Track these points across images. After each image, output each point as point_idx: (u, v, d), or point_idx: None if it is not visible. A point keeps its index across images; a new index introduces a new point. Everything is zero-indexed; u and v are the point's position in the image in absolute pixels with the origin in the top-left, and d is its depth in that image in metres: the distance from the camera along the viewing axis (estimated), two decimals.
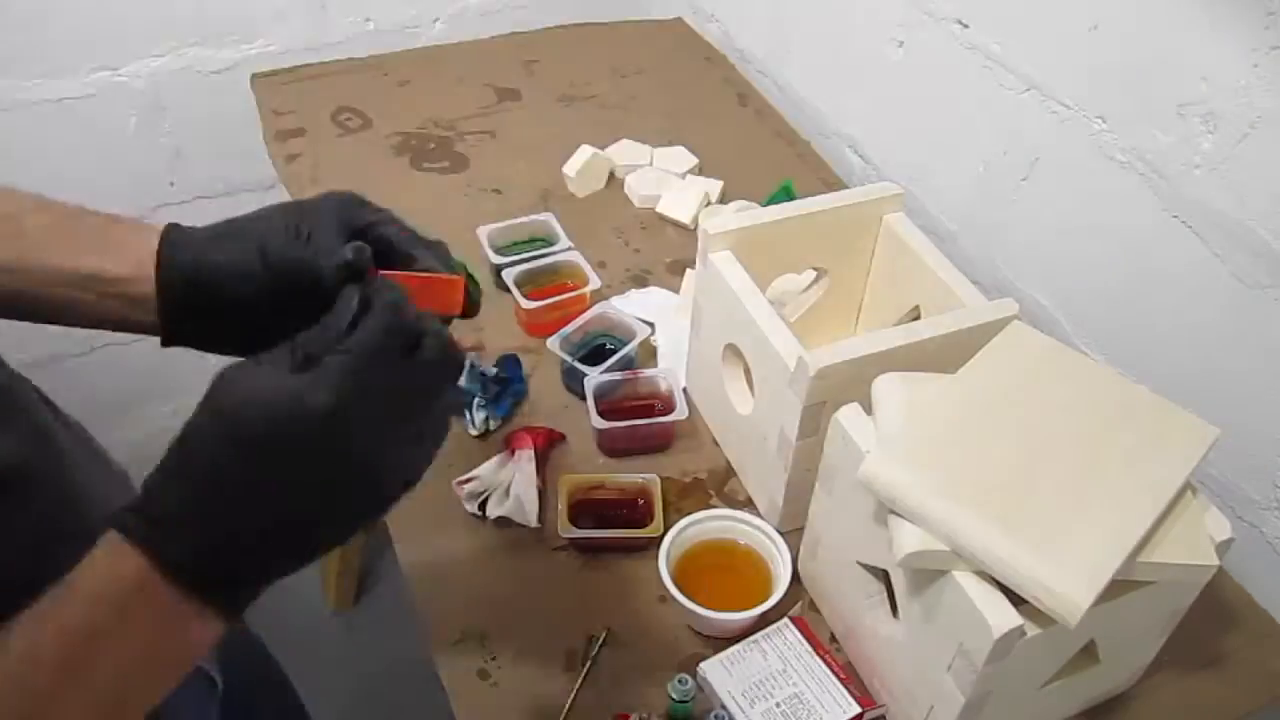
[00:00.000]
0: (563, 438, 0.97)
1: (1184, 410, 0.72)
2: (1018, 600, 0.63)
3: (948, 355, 0.77)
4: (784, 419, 0.82)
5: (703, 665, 0.78)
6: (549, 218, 1.15)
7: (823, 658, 0.78)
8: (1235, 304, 0.92)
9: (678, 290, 1.12)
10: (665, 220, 1.24)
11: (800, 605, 0.86)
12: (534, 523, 0.89)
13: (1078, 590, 0.60)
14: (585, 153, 1.25)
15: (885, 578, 0.75)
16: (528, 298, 1.04)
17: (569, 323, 1.01)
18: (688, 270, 1.11)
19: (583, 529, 0.87)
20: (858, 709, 0.75)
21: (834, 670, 0.77)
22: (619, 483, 0.91)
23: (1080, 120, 1.04)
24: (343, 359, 0.47)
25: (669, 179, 1.27)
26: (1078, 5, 1.00)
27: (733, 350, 0.90)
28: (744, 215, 0.92)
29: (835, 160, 1.40)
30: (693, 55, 1.57)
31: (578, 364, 0.98)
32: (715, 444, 0.99)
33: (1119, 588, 0.65)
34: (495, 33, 1.56)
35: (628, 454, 0.97)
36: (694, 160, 1.31)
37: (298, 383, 0.46)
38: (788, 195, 1.21)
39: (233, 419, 0.46)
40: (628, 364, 1.01)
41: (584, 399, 0.96)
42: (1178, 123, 0.94)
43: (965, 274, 0.89)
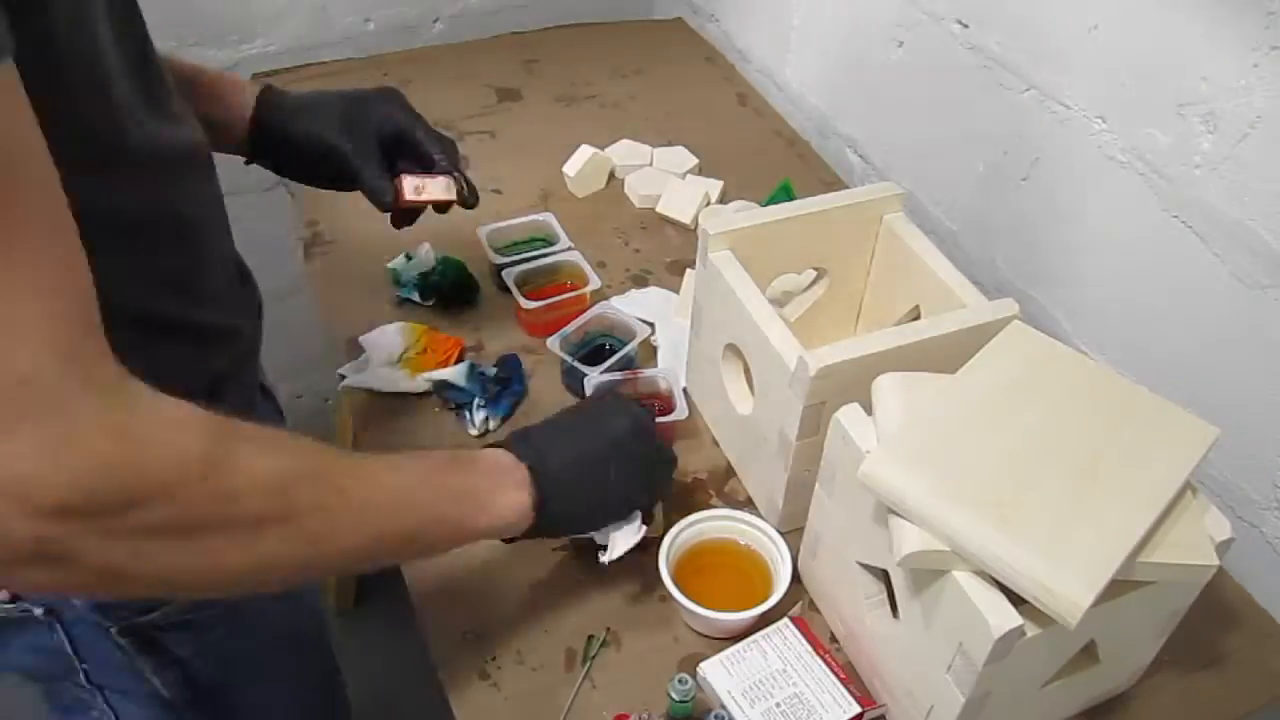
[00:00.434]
0: None
1: (1184, 410, 0.72)
2: (1018, 600, 0.63)
3: (948, 355, 0.77)
4: (784, 419, 0.82)
5: (703, 665, 0.78)
6: (549, 218, 1.15)
7: (823, 658, 0.78)
8: (1235, 304, 0.92)
9: (678, 290, 1.12)
10: (665, 220, 1.24)
11: (800, 605, 0.86)
12: None
13: (1078, 590, 0.60)
14: (585, 153, 1.25)
15: (885, 578, 0.75)
16: (528, 298, 1.04)
17: (569, 323, 1.01)
18: (687, 270, 1.11)
19: None
20: (858, 709, 0.75)
21: (834, 670, 0.77)
22: None
23: (1080, 120, 1.04)
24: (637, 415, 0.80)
25: (669, 179, 1.27)
26: (1078, 5, 1.00)
27: (733, 350, 0.90)
28: (744, 215, 0.92)
29: (835, 160, 1.40)
30: (693, 55, 1.57)
31: (578, 364, 0.98)
32: (715, 444, 0.99)
33: (1119, 588, 0.65)
34: (495, 33, 1.56)
35: None
36: (694, 160, 1.31)
37: (619, 409, 0.80)
38: (788, 195, 1.21)
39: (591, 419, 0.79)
40: (628, 364, 1.01)
41: (584, 399, 0.96)
42: (1178, 123, 0.94)
43: (965, 274, 0.89)
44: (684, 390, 0.99)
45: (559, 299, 1.05)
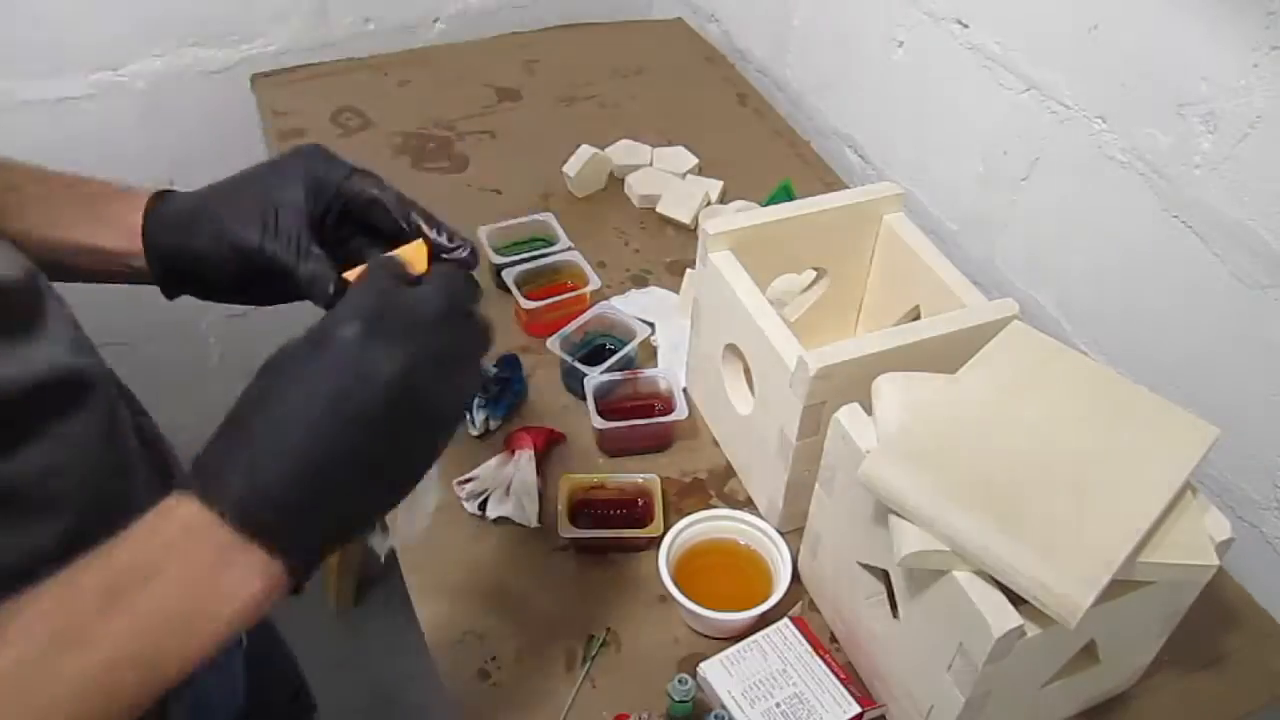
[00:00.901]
0: (563, 438, 0.97)
1: (1184, 410, 0.71)
2: (1018, 600, 0.63)
3: (948, 355, 0.77)
4: (784, 419, 0.82)
5: (703, 665, 0.78)
6: (549, 218, 1.15)
7: (823, 658, 0.78)
8: (1235, 304, 0.92)
9: (678, 290, 1.12)
10: (665, 220, 1.24)
11: (800, 605, 0.86)
12: (534, 523, 0.89)
13: (1078, 590, 0.60)
14: (585, 153, 1.25)
15: (885, 578, 0.75)
16: (528, 298, 1.04)
17: (569, 323, 1.01)
18: (687, 270, 1.11)
19: (583, 529, 0.87)
20: (858, 709, 0.75)
21: (834, 670, 0.77)
22: (619, 483, 0.91)
23: (1080, 120, 1.04)
24: (357, 300, 0.51)
25: (669, 179, 1.27)
26: (1078, 5, 1.00)
27: (733, 350, 0.90)
28: (744, 215, 0.92)
29: (835, 160, 1.40)
30: (693, 55, 1.57)
31: (578, 364, 0.98)
32: (715, 444, 0.99)
33: (1119, 588, 0.65)
34: (495, 33, 1.56)
35: (628, 454, 0.97)
36: (694, 160, 1.31)
37: (328, 321, 0.50)
38: (788, 195, 1.21)
39: (277, 364, 0.49)
40: (628, 364, 1.01)
41: (584, 399, 0.96)
42: (1178, 123, 0.94)
43: (965, 274, 0.89)
44: (684, 390, 0.99)
45: (559, 299, 1.05)
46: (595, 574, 0.88)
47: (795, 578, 0.85)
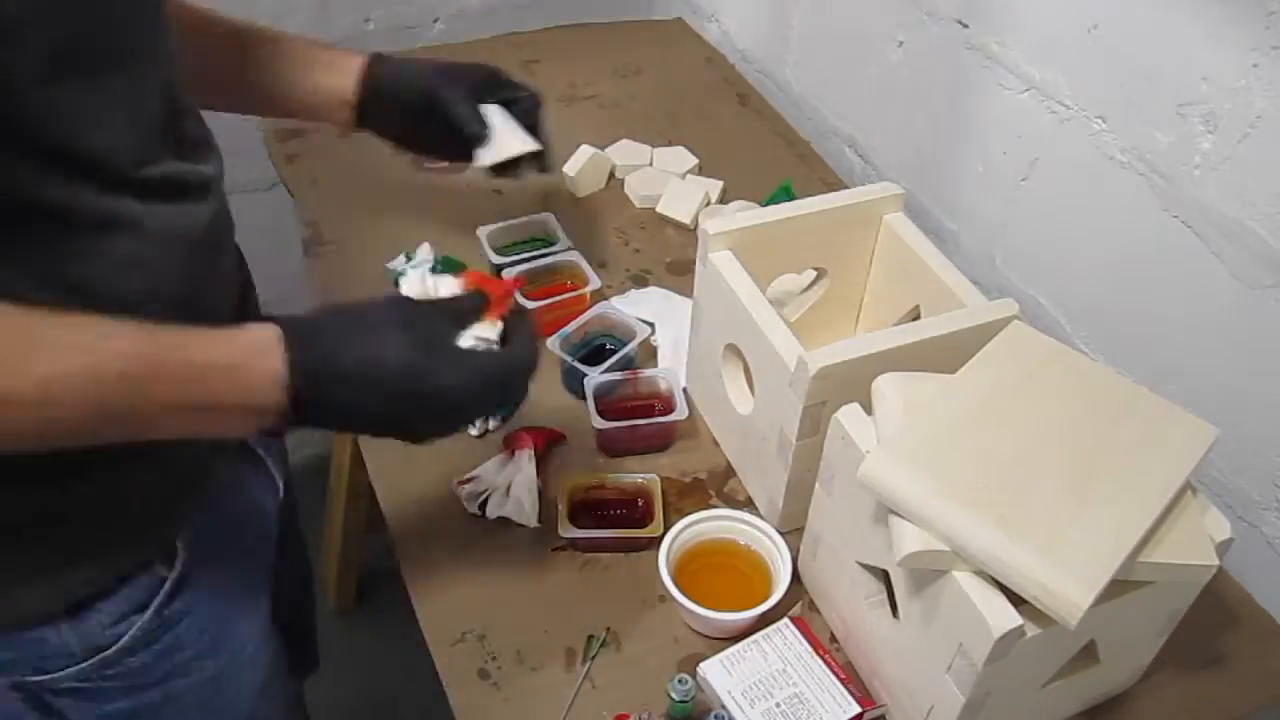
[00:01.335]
0: (563, 438, 0.97)
1: (1184, 410, 0.72)
2: (1018, 600, 0.63)
3: (948, 355, 0.77)
4: (784, 419, 0.82)
5: (703, 665, 0.78)
6: (549, 218, 1.15)
7: (823, 658, 0.78)
8: (1235, 304, 0.92)
9: (678, 290, 1.12)
10: (665, 220, 1.24)
11: (800, 605, 0.86)
12: (534, 523, 0.89)
13: (1078, 590, 0.60)
14: (585, 153, 1.25)
15: (885, 578, 0.75)
16: (528, 298, 1.04)
17: (569, 323, 1.01)
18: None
19: (583, 529, 0.87)
20: (858, 709, 0.75)
21: (834, 670, 0.77)
22: (619, 483, 0.91)
23: (1080, 120, 1.04)
24: (488, 363, 0.67)
25: (669, 179, 1.27)
26: (1078, 5, 1.00)
27: (733, 350, 0.90)
28: (744, 215, 0.92)
29: (835, 160, 1.40)
30: (693, 55, 1.57)
31: (578, 364, 0.98)
32: (715, 444, 0.99)
33: (1119, 588, 0.65)
34: (495, 33, 1.56)
35: (628, 454, 0.97)
36: (694, 160, 1.31)
37: (454, 368, 0.64)
38: (788, 195, 1.21)
39: (401, 346, 0.63)
40: (628, 364, 1.01)
41: (584, 399, 0.96)
42: (1178, 123, 0.94)
43: (965, 274, 0.89)
44: (684, 390, 0.99)
45: (559, 299, 1.05)
46: (595, 574, 0.88)
47: (795, 578, 0.85)
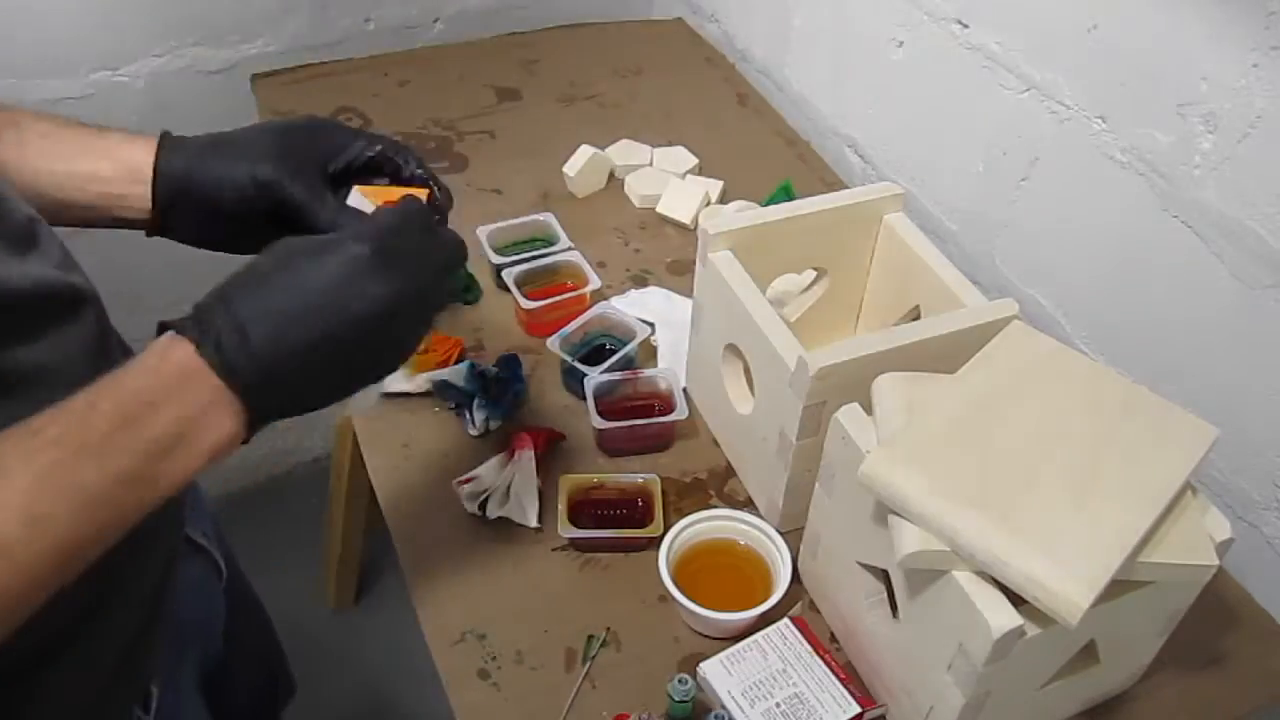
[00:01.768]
0: (563, 438, 0.97)
1: (1184, 410, 0.72)
2: (1018, 600, 0.63)
3: (948, 355, 0.77)
4: (784, 419, 0.82)
5: (703, 665, 0.78)
6: (549, 218, 1.15)
7: (823, 658, 0.78)
8: (1235, 304, 0.92)
9: (678, 290, 1.12)
10: (665, 220, 1.24)
11: (800, 605, 0.86)
12: (534, 523, 0.89)
13: (1078, 590, 0.60)
14: (585, 153, 1.25)
15: (885, 578, 0.75)
16: (528, 298, 1.04)
17: (569, 323, 1.01)
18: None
19: (583, 529, 0.87)
20: (858, 709, 0.75)
21: (834, 670, 0.77)
22: (619, 483, 0.91)
23: (1080, 120, 1.04)
24: (374, 225, 0.59)
25: (669, 179, 1.27)
26: (1078, 5, 1.00)
27: (733, 350, 0.90)
28: (744, 215, 0.92)
29: (835, 160, 1.40)
30: (693, 55, 1.57)
31: (578, 364, 0.98)
32: (715, 444, 0.99)
33: (1119, 588, 0.65)
34: (495, 33, 1.56)
35: (628, 454, 0.97)
36: (694, 160, 1.31)
37: (345, 235, 0.58)
38: (788, 195, 1.21)
39: (279, 261, 0.56)
40: (628, 364, 1.01)
41: (584, 399, 0.96)
42: (1178, 123, 0.94)
43: (965, 274, 0.89)
44: (684, 390, 0.99)
45: (559, 299, 1.05)
46: (595, 574, 0.88)
47: (795, 578, 0.85)
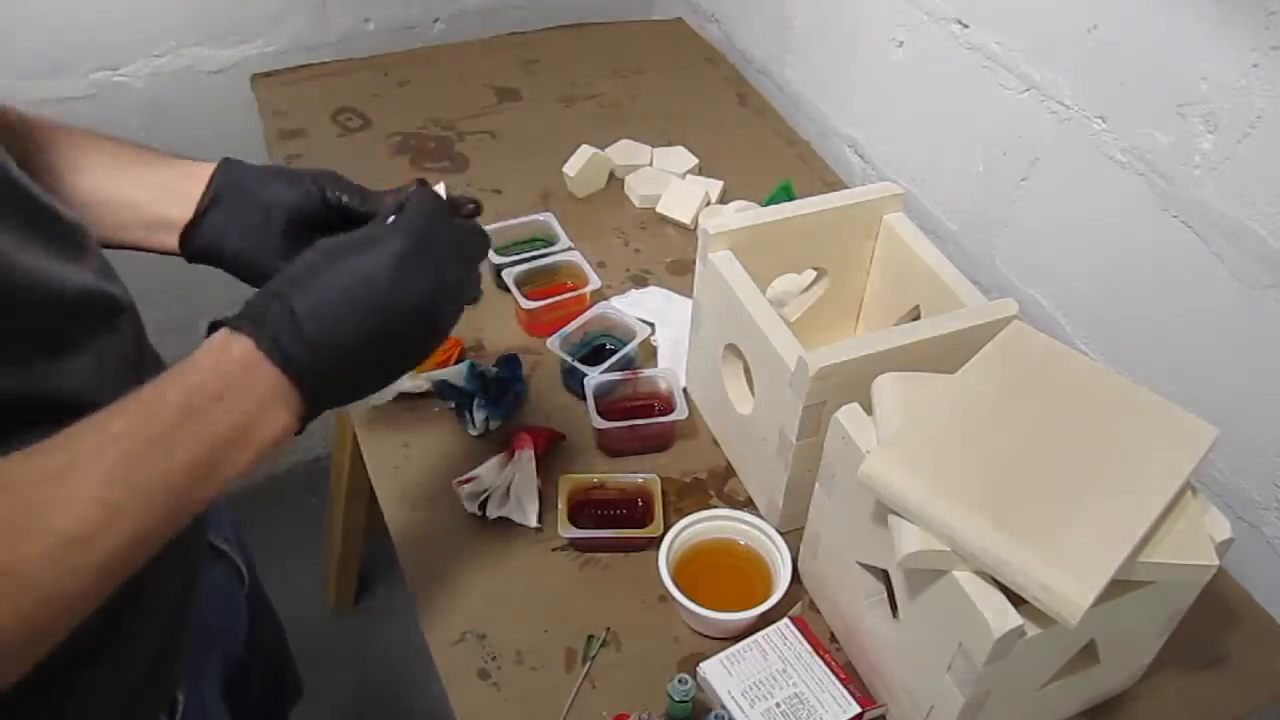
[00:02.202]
0: (563, 438, 0.97)
1: (1184, 410, 0.72)
2: (1018, 600, 0.63)
3: (948, 355, 0.77)
4: (784, 419, 0.82)
5: (703, 665, 0.78)
6: (549, 218, 1.15)
7: (823, 658, 0.78)
8: (1235, 304, 0.92)
9: (678, 290, 1.12)
10: (665, 220, 1.24)
11: (800, 605, 0.86)
12: (534, 523, 0.89)
13: (1078, 590, 0.60)
14: (585, 153, 1.25)
15: (885, 578, 0.75)
16: (528, 298, 1.04)
17: (569, 323, 1.01)
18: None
19: (583, 529, 0.87)
20: (858, 709, 0.75)
21: (834, 670, 0.77)
22: (619, 483, 0.91)
23: (1080, 120, 1.04)
24: (403, 220, 0.62)
25: (669, 179, 1.27)
26: (1078, 5, 1.00)
27: (733, 350, 0.90)
28: (744, 215, 0.92)
29: (835, 160, 1.40)
30: (693, 55, 1.57)
31: (578, 364, 0.98)
32: (715, 444, 0.99)
33: (1119, 588, 0.65)
34: (495, 33, 1.57)
35: (628, 454, 0.97)
36: (694, 160, 1.31)
37: (387, 231, 0.61)
38: (788, 195, 1.21)
39: (328, 257, 0.59)
40: (628, 364, 1.01)
41: (584, 399, 0.96)
42: (1178, 123, 0.94)
43: (965, 274, 0.89)
44: (684, 390, 0.99)
45: (559, 299, 1.05)
46: (595, 574, 0.88)
47: (795, 578, 0.85)
